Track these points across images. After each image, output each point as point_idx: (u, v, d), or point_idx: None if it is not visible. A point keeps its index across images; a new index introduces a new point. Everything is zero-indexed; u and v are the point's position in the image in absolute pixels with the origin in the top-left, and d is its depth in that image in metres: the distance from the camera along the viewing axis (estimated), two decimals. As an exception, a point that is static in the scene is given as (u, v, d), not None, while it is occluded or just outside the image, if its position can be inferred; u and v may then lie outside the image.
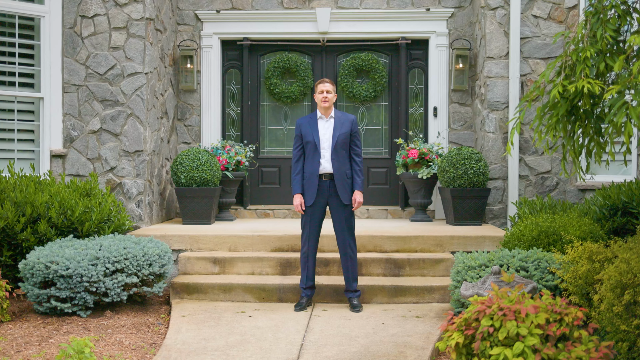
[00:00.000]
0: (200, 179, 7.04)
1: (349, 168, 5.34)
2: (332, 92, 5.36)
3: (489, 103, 7.24)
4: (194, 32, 8.13)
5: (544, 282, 4.74)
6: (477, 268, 4.94)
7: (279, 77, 8.25)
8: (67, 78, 6.89)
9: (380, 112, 8.35)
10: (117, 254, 5.20)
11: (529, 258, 4.90)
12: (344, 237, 5.30)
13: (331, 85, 5.36)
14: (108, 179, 6.87)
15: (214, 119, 8.16)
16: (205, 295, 5.66)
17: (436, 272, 5.92)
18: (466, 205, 6.97)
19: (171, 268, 5.62)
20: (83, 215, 5.82)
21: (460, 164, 6.94)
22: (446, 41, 7.99)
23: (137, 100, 6.85)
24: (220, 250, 6.27)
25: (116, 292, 5.14)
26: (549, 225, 5.47)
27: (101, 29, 6.88)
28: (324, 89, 5.32)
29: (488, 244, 6.16)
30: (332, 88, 5.36)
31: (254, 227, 6.99)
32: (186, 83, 8.00)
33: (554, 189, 7.20)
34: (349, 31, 8.10)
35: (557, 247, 5.32)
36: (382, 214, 8.10)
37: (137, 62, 6.85)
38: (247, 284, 5.64)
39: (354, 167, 5.35)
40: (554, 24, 7.16)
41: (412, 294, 5.55)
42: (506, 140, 7.22)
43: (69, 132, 6.90)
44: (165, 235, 6.27)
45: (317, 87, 5.39)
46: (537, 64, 7.18)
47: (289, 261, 5.97)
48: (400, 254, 6.13)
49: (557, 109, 3.75)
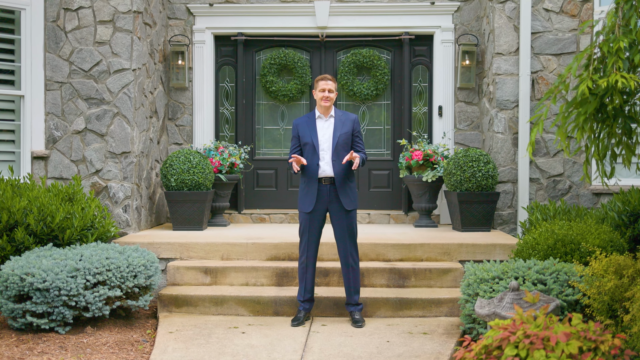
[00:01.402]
0: (192, 182, 6.63)
1: (351, 171, 4.93)
2: (334, 90, 4.94)
3: (497, 102, 6.84)
4: (185, 26, 7.72)
5: (564, 296, 4.34)
6: (490, 281, 4.54)
7: (276, 74, 7.84)
8: (50, 75, 6.48)
9: (382, 111, 7.94)
10: (99, 264, 4.80)
11: (547, 270, 4.51)
12: (346, 245, 4.89)
13: (333, 83, 4.94)
14: (93, 182, 6.45)
15: (207, 119, 7.74)
16: (195, 309, 5.25)
17: (443, 282, 5.51)
18: (474, 211, 6.57)
19: (158, 279, 5.21)
20: (64, 222, 5.42)
21: (467, 166, 6.54)
22: (452, 36, 7.58)
23: (124, 98, 6.43)
24: (212, 259, 5.87)
25: (97, 306, 4.73)
26: (566, 233, 5.08)
27: (86, 23, 6.46)
28: (325, 87, 4.89)
29: (499, 252, 5.76)
30: (334, 86, 4.93)
31: (248, 233, 6.58)
32: (177, 80, 7.58)
33: (567, 192, 6.80)
34: (350, 26, 7.69)
35: (575, 257, 4.93)
36: (384, 219, 7.70)
37: (124, 58, 6.44)
38: (241, 296, 5.24)
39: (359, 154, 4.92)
40: (567, 18, 6.76)
41: (419, 307, 5.15)
42: (516, 141, 6.82)
43: (52, 132, 6.49)
44: (154, 243, 5.87)
45: (317, 83, 4.95)
46: (549, 60, 6.78)
47: (285, 271, 5.57)
48: (404, 263, 5.73)
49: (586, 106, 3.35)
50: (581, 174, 6.79)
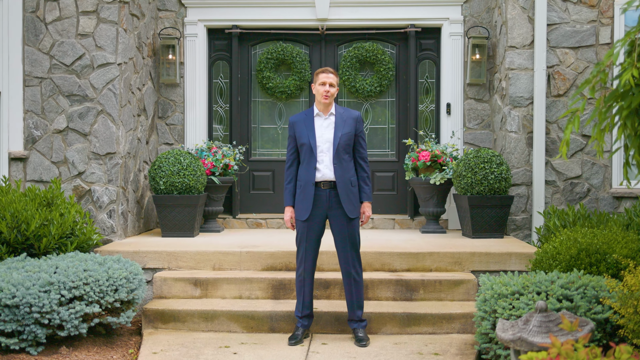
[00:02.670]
0: (182, 185, 6.16)
1: (353, 174, 4.45)
2: (336, 85, 4.45)
3: (510, 99, 6.37)
4: (176, 18, 7.24)
5: (592, 314, 3.87)
6: (509, 296, 4.07)
7: (273, 69, 7.37)
8: (29, 69, 6.01)
9: (386, 109, 7.47)
10: (75, 277, 4.33)
11: (573, 284, 4.04)
12: (347, 256, 4.42)
13: (335, 76, 4.45)
14: (75, 186, 5.98)
15: (200, 117, 7.27)
16: (183, 325, 4.79)
17: (455, 295, 5.05)
18: (486, 215, 6.10)
19: (142, 292, 4.74)
20: (40, 230, 4.96)
21: (479, 168, 6.07)
22: (461, 29, 7.10)
23: (108, 95, 5.96)
24: (202, 269, 5.40)
25: (73, 324, 4.26)
26: (590, 242, 4.62)
27: (67, 13, 5.99)
28: (327, 80, 4.40)
29: (514, 262, 5.29)
30: (335, 80, 4.45)
31: (243, 240, 6.12)
32: (168, 76, 7.11)
33: (585, 196, 6.33)
34: (352, 18, 7.21)
35: (600, 269, 4.47)
36: (388, 224, 7.22)
37: (109, 52, 5.97)
38: (233, 310, 4.77)
39: (360, 174, 4.47)
40: (585, 9, 6.29)
41: (428, 323, 4.68)
42: (531, 141, 6.34)
43: (31, 131, 6.02)
44: (139, 252, 5.40)
45: (317, 76, 4.46)
46: (566, 54, 6.31)
47: (282, 283, 5.10)
48: (412, 273, 5.26)
49: (629, 99, 2.86)
50: (601, 176, 6.32)
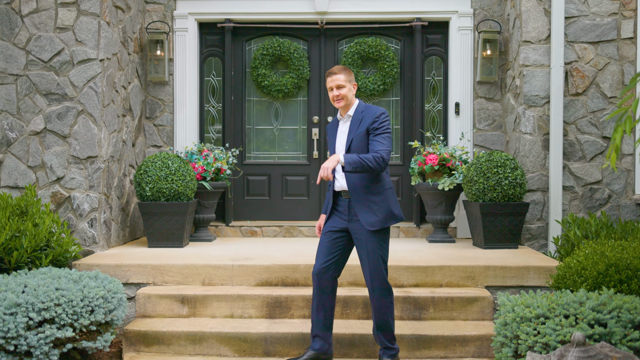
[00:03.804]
0: (170, 191, 5.69)
1: (377, 180, 3.90)
2: (345, 83, 3.96)
3: (525, 97, 5.90)
4: (165, 12, 6.76)
5: (627, 342, 3.42)
6: (533, 320, 3.63)
7: (269, 66, 6.90)
8: (3, 66, 5.53)
9: (390, 108, 7.00)
10: (45, 298, 3.87)
11: (605, 307, 3.58)
12: (367, 275, 3.91)
13: (342, 74, 3.96)
14: (54, 192, 5.51)
15: (190, 118, 6.79)
16: (168, 347, 4.33)
17: (468, 314, 4.58)
18: (499, 224, 5.63)
19: (123, 312, 4.27)
20: (11, 242, 4.50)
21: (492, 172, 5.60)
22: (470, 23, 6.63)
23: (90, 93, 5.49)
24: (190, 284, 4.94)
25: (43, 350, 3.80)
26: (620, 256, 4.17)
27: (45, 5, 5.51)
28: (333, 84, 3.97)
29: (533, 276, 4.83)
30: (344, 78, 3.96)
31: (235, 251, 5.64)
32: (156, 74, 6.63)
33: (605, 203, 5.86)
34: (353, 11, 6.75)
35: (632, 287, 4.02)
36: (393, 232, 6.75)
37: (90, 47, 5.49)
38: (224, 332, 4.31)
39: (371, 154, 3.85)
40: (606, 1, 5.83)
41: (440, 346, 4.23)
42: (547, 143, 5.88)
43: (6, 133, 5.54)
44: (122, 265, 4.93)
45: (326, 81, 4.07)
46: (585, 49, 5.84)
47: (278, 300, 4.63)
48: (421, 289, 4.80)
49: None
50: (623, 181, 5.86)
